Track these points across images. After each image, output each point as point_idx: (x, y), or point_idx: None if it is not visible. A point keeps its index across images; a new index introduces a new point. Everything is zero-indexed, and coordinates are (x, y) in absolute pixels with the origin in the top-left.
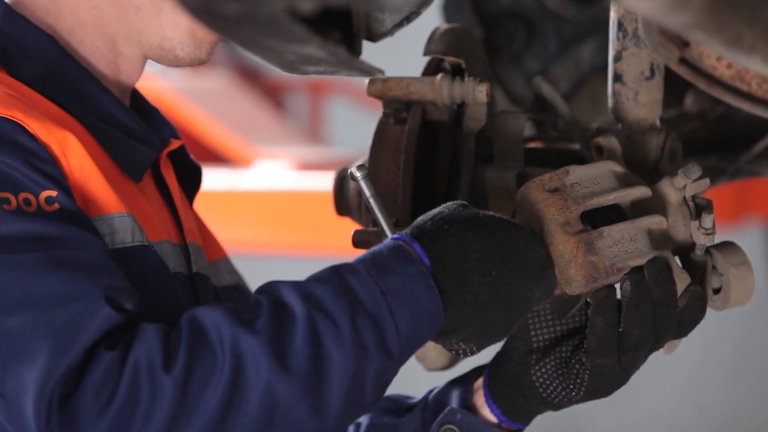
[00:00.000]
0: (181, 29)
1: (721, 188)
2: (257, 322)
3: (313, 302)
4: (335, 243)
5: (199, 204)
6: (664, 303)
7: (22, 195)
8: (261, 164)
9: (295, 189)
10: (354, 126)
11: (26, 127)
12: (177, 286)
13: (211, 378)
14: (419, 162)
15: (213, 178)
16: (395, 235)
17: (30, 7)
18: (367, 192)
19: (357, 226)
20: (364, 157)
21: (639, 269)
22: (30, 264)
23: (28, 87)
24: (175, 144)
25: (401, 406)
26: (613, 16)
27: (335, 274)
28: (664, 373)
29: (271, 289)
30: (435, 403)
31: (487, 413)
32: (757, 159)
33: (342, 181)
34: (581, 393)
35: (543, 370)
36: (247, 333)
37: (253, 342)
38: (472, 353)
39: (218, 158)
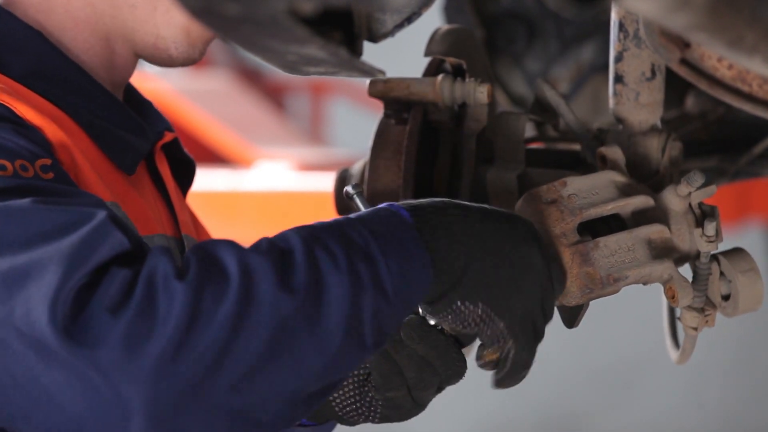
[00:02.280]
0: (175, 28)
1: (722, 189)
2: (261, 247)
3: (310, 235)
4: None
5: (200, 204)
6: (427, 356)
7: (19, 161)
8: (262, 165)
9: (296, 189)
10: (355, 127)
11: (15, 110)
12: None
13: (224, 289)
14: (420, 163)
15: (214, 179)
16: (383, 204)
17: (20, 4)
18: (362, 209)
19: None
20: (364, 158)
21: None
22: (30, 205)
23: (19, 84)
24: (168, 137)
25: None
26: (614, 16)
27: (325, 222)
28: (665, 373)
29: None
30: None
31: None
32: (758, 160)
33: (343, 181)
34: (376, 419)
35: (340, 391)
36: (254, 253)
37: (261, 261)
38: (497, 334)
39: (219, 159)
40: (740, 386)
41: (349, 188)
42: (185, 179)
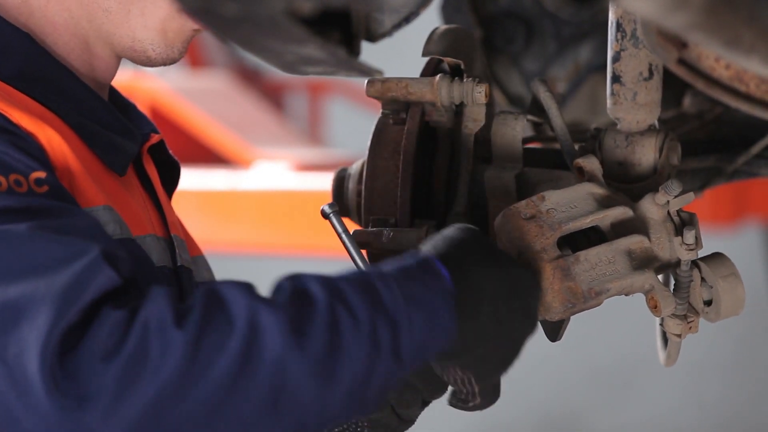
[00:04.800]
0: (151, 30)
1: (720, 189)
2: (278, 300)
3: (336, 293)
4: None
5: (199, 204)
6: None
7: (13, 176)
8: (260, 165)
9: (295, 189)
10: (353, 127)
11: (9, 117)
12: (162, 279)
13: (224, 343)
14: (418, 162)
15: (212, 179)
16: (423, 252)
17: (3, 6)
18: (338, 227)
19: (356, 227)
20: (363, 157)
21: None
22: (26, 233)
23: (7, 85)
24: (154, 139)
25: None
26: (611, 16)
27: (361, 273)
28: (664, 373)
29: (295, 276)
30: None
31: None
32: (756, 159)
33: (341, 181)
34: None
35: None
36: (266, 306)
37: (272, 316)
38: (468, 386)
39: (218, 159)
40: (740, 386)
41: (325, 207)
42: (171, 181)
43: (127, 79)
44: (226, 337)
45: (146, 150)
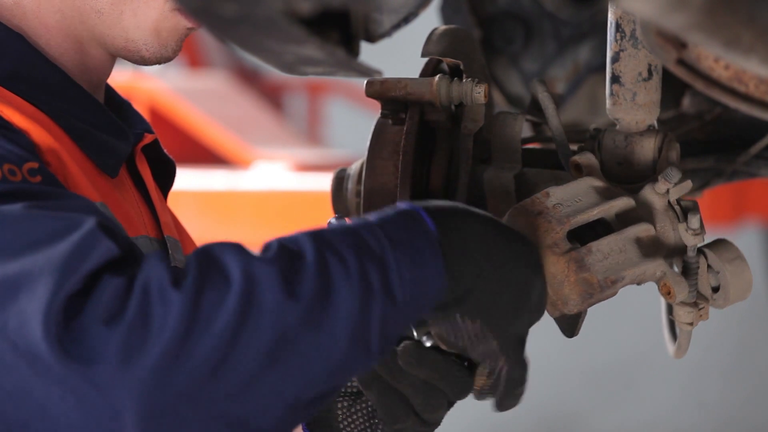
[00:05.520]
0: (144, 30)
1: (719, 189)
2: (268, 254)
3: (323, 241)
4: None
5: (198, 204)
6: (430, 379)
7: (7, 166)
8: (259, 165)
9: (294, 190)
10: (352, 127)
11: (1, 114)
12: None
13: (223, 298)
14: (417, 163)
15: (211, 179)
16: (405, 204)
17: None
18: None
19: None
20: (362, 158)
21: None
22: (21, 212)
23: (0, 86)
24: (148, 138)
25: None
26: (610, 17)
27: (344, 223)
28: (663, 373)
29: (281, 237)
30: None
31: None
32: (755, 160)
33: (340, 182)
34: None
35: (352, 424)
36: (258, 260)
37: (265, 268)
38: (485, 345)
39: (217, 159)
40: (739, 386)
41: (332, 219)
42: (166, 180)
43: (125, 79)
44: (224, 293)
45: (140, 150)
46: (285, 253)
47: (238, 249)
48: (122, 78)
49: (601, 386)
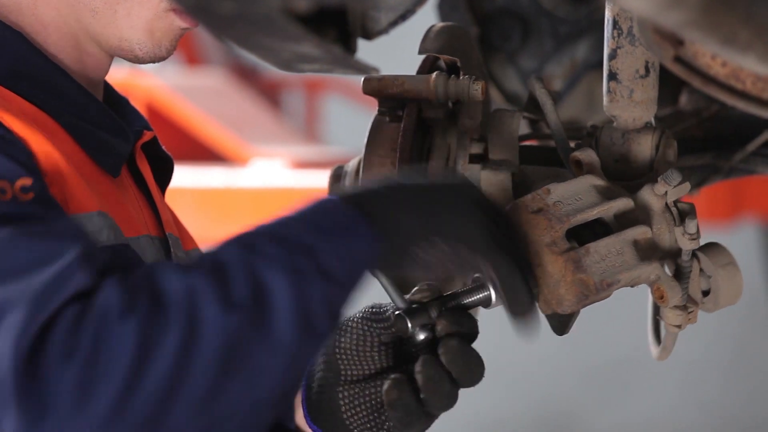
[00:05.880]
0: (138, 30)
1: (717, 186)
2: (199, 267)
3: (244, 243)
4: None
5: (195, 202)
6: (461, 374)
7: None
8: (257, 162)
9: (291, 187)
10: (350, 124)
11: (1, 121)
12: None
13: (169, 318)
14: (414, 160)
15: (209, 176)
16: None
17: None
18: (392, 293)
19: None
20: (359, 155)
21: (430, 349)
22: (6, 238)
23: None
24: (147, 136)
25: None
26: (608, 14)
27: (263, 225)
28: (662, 372)
29: (205, 249)
30: None
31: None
32: (752, 157)
33: (337, 179)
34: None
35: (356, 414)
36: (194, 274)
37: (201, 280)
38: (451, 258)
39: (214, 156)
40: (738, 384)
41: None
42: (164, 177)
43: (123, 77)
44: (169, 313)
45: (140, 147)
46: (213, 265)
47: (174, 268)
48: (119, 75)
49: (599, 385)
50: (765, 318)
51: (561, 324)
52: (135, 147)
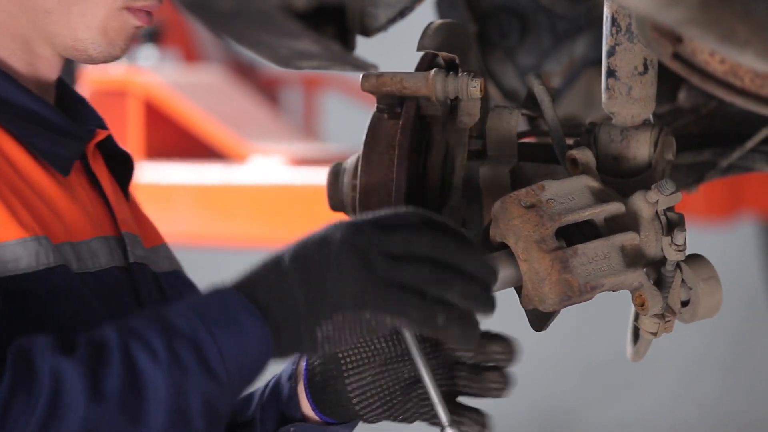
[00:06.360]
0: (92, 30)
1: (715, 183)
2: (76, 350)
3: (127, 330)
4: None
5: (193, 199)
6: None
7: None
8: (255, 159)
9: (290, 184)
10: (348, 121)
11: None
12: (92, 303)
13: (33, 401)
14: (413, 157)
15: (207, 173)
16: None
17: None
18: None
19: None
20: (358, 152)
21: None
22: None
23: None
24: (102, 134)
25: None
26: (606, 11)
27: (151, 310)
28: (661, 369)
29: (88, 331)
30: (271, 396)
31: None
32: (751, 154)
33: (336, 176)
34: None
35: (368, 405)
36: (66, 361)
37: (71, 370)
38: (366, 327)
39: (212, 153)
40: (736, 382)
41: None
42: (124, 174)
43: (121, 74)
44: (33, 399)
45: (94, 147)
46: (91, 349)
47: (47, 344)
48: (117, 72)
49: (598, 382)
50: (763, 316)
51: (540, 320)
52: (88, 147)
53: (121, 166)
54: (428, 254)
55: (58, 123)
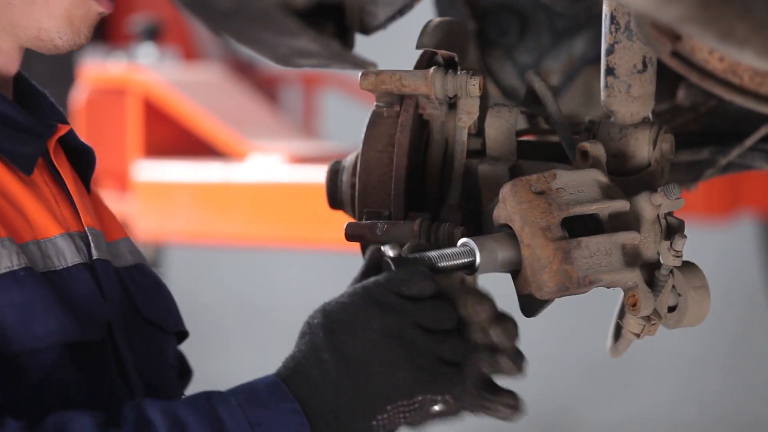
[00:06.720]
0: (56, 19)
1: (714, 181)
2: (118, 428)
3: (178, 425)
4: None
5: (193, 197)
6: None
7: None
8: (254, 157)
9: (289, 182)
10: (347, 119)
11: None
12: (56, 305)
13: None
14: (412, 155)
15: (206, 171)
16: (274, 374)
17: None
18: None
19: (350, 219)
20: (357, 150)
21: None
22: None
23: None
24: (63, 129)
25: None
26: (605, 9)
27: (206, 401)
28: (661, 368)
29: (139, 404)
30: None
31: None
32: (750, 152)
33: (335, 174)
34: None
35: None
36: None
37: None
38: (415, 410)
39: (212, 151)
40: (737, 381)
41: (388, 251)
42: (86, 168)
43: (120, 72)
44: None
45: (55, 142)
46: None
47: (92, 425)
48: (116, 70)
49: (598, 380)
50: (763, 314)
51: (532, 307)
52: (50, 142)
53: (83, 160)
54: (454, 325)
55: (19, 120)
